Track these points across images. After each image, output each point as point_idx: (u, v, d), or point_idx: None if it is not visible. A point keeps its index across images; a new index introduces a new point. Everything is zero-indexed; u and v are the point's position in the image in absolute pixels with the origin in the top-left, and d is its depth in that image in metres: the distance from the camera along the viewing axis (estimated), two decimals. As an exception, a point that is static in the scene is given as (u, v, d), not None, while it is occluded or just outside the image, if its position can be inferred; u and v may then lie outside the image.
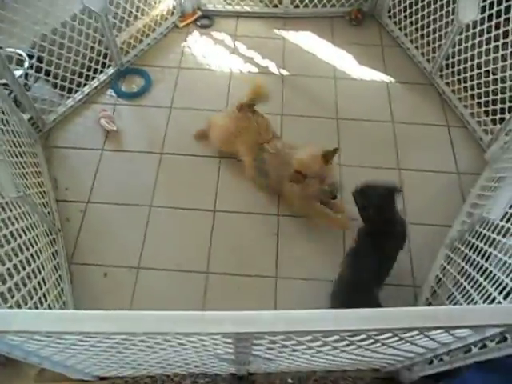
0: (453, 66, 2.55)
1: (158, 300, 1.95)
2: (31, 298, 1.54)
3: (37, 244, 1.74)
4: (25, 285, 1.52)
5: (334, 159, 1.96)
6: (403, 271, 2.06)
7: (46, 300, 1.63)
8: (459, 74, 2.52)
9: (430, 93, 2.69)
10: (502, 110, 2.27)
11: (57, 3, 2.22)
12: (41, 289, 1.62)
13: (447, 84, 2.62)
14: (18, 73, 2.15)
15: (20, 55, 2.27)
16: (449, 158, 2.42)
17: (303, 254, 2.10)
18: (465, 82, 2.49)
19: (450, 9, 2.42)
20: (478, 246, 1.74)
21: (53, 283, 1.79)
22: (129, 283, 1.99)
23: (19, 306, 1.46)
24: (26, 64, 2.29)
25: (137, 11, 2.63)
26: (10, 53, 2.15)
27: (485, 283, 1.54)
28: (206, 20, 2.98)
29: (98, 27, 2.36)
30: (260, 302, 1.97)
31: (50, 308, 1.65)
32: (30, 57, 2.30)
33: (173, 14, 2.92)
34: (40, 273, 1.67)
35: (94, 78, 2.55)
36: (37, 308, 1.56)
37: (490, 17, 2.19)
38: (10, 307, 1.40)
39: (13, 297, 1.43)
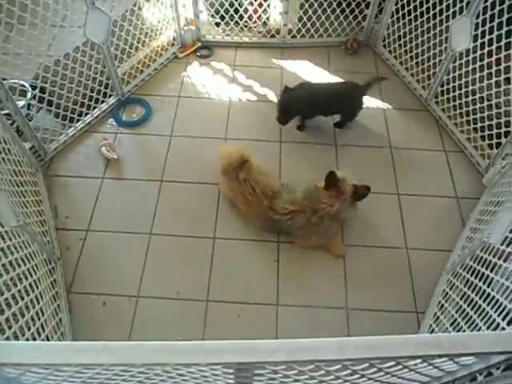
0: (448, 93, 2.60)
1: (157, 329, 1.92)
2: (29, 329, 1.52)
3: (36, 273, 1.73)
4: (23, 315, 1.50)
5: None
6: (405, 297, 2.04)
7: (43, 331, 1.61)
8: (454, 101, 2.56)
9: (426, 119, 2.73)
10: (498, 135, 2.30)
11: (60, 36, 2.29)
12: (39, 319, 1.60)
13: (443, 110, 2.66)
14: (20, 103, 2.19)
15: (23, 86, 2.32)
16: (447, 183, 2.43)
17: (304, 281, 2.08)
18: (460, 107, 2.53)
19: (444, 38, 2.48)
20: (479, 270, 1.73)
21: (51, 313, 1.77)
22: (128, 312, 1.97)
23: (16, 337, 1.44)
24: (29, 95, 2.34)
25: (138, 43, 2.70)
26: (13, 84, 2.19)
27: (488, 309, 1.53)
28: (206, 50, 3.05)
29: (99, 58, 2.42)
30: (261, 329, 1.94)
31: (47, 339, 1.63)
32: (33, 87, 2.34)
33: (173, 44, 2.99)
34: (38, 303, 1.65)
35: (95, 107, 2.60)
36: (34, 339, 1.53)
37: (483, 45, 2.25)
38: (7, 338, 1.38)
39: (10, 327, 1.41)
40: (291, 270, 2.11)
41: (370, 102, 2.79)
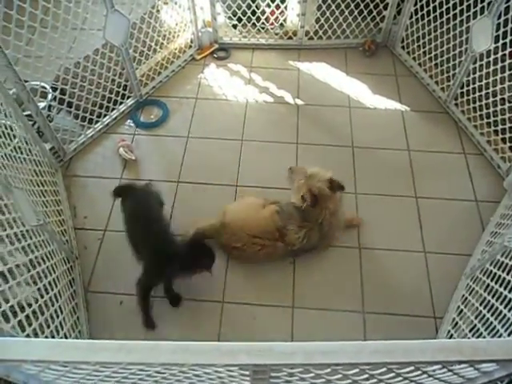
0: (468, 95, 2.56)
1: (173, 329, 1.93)
2: (48, 327, 1.54)
3: (55, 272, 1.75)
4: (42, 313, 1.53)
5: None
6: (423, 301, 2.01)
7: (62, 329, 1.63)
8: (474, 102, 2.52)
9: (445, 121, 2.69)
10: (520, 138, 2.26)
11: (80, 39, 2.32)
12: (57, 317, 1.62)
13: (463, 112, 2.62)
14: (41, 105, 2.23)
15: (44, 88, 2.36)
16: (466, 186, 2.39)
17: (320, 284, 2.07)
18: (480, 109, 2.49)
19: (464, 39, 2.44)
20: (499, 275, 1.69)
21: (69, 311, 1.79)
22: (144, 312, 1.98)
23: (36, 335, 1.46)
24: (50, 96, 2.38)
25: (156, 45, 2.72)
26: (34, 86, 2.24)
27: (509, 314, 1.49)
28: (223, 52, 3.06)
29: (118, 60, 2.45)
30: (276, 332, 1.93)
31: (65, 337, 1.65)
32: (54, 89, 2.39)
33: (191, 47, 3.02)
34: (57, 301, 1.67)
35: (113, 109, 2.63)
36: (53, 337, 1.56)
37: (504, 46, 2.21)
38: (28, 336, 1.40)
39: (30, 325, 1.43)
40: (307, 272, 2.10)
41: (387, 103, 2.77)
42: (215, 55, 3.05)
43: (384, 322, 1.96)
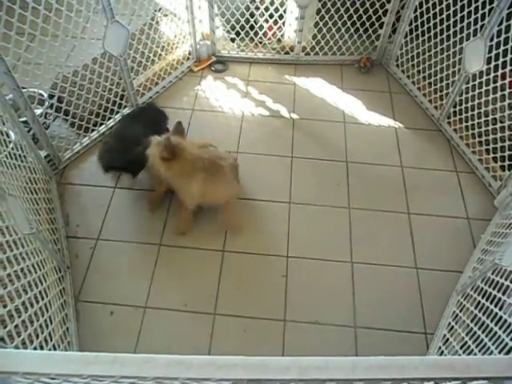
0: (460, 113, 2.60)
1: (163, 340, 1.91)
2: (37, 337, 1.52)
3: (46, 281, 1.73)
4: (32, 323, 1.50)
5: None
6: (414, 317, 2.02)
7: (51, 339, 1.61)
8: (467, 121, 2.56)
9: (438, 139, 2.73)
10: (511, 157, 2.29)
11: (79, 48, 2.33)
12: (47, 327, 1.60)
13: (455, 130, 2.67)
14: (38, 111, 2.23)
15: (41, 95, 2.36)
16: (458, 204, 2.42)
17: (312, 298, 2.07)
18: (472, 128, 2.53)
19: (457, 59, 2.50)
20: (490, 293, 1.71)
21: (59, 322, 1.77)
22: (135, 322, 1.96)
23: (25, 345, 1.44)
24: (47, 103, 2.38)
25: (154, 56, 2.74)
26: (32, 93, 2.24)
27: (499, 332, 1.50)
28: (220, 65, 3.09)
29: (116, 70, 2.46)
30: (267, 345, 1.93)
31: (54, 348, 1.62)
32: (51, 97, 2.39)
33: (188, 59, 3.04)
34: (47, 311, 1.65)
35: (109, 118, 2.63)
36: (42, 347, 1.53)
37: (496, 67, 2.26)
38: (16, 346, 1.38)
39: (19, 335, 1.41)
40: (299, 285, 2.10)
41: (382, 120, 2.81)
42: (213, 68, 3.08)
43: (375, 337, 1.96)
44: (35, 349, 1.46)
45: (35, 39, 1.94)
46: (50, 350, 1.56)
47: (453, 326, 1.89)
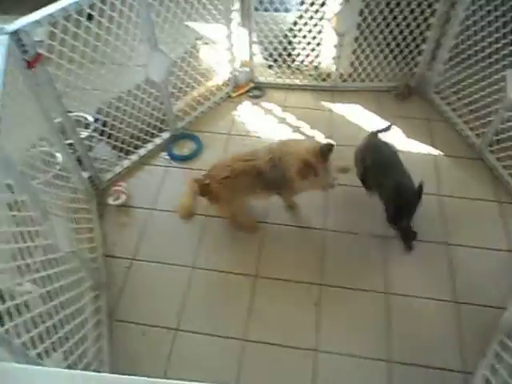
0: (503, 141, 2.52)
1: (193, 365, 1.90)
2: (71, 354, 1.55)
3: (82, 299, 1.78)
4: (67, 340, 1.54)
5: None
6: (451, 354, 1.93)
7: (85, 357, 1.64)
8: (510, 150, 2.48)
9: (479, 167, 2.65)
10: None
11: (124, 74, 2.44)
12: (82, 345, 1.64)
13: (498, 159, 2.58)
14: (83, 135, 2.34)
15: (86, 119, 2.48)
16: (500, 236, 2.32)
17: (345, 327, 2.02)
18: (517, 157, 2.44)
19: (500, 86, 2.43)
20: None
21: (92, 340, 1.80)
22: (166, 345, 1.97)
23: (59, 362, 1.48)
24: (92, 127, 2.49)
25: (194, 82, 2.83)
26: (78, 117, 2.35)
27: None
28: (258, 91, 3.15)
29: (157, 96, 2.55)
30: (298, 375, 1.88)
31: (87, 366, 1.65)
32: (96, 120, 2.50)
33: (227, 85, 3.12)
34: (83, 329, 1.69)
35: (149, 141, 2.72)
36: (76, 364, 1.57)
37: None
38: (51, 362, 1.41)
39: (55, 351, 1.45)
40: (332, 314, 2.05)
41: (420, 147, 2.75)
42: (250, 94, 3.14)
43: (411, 374, 1.87)
44: (69, 365, 1.49)
45: (83, 66, 2.06)
46: (83, 367, 1.59)
47: (494, 366, 1.78)
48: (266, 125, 2.93)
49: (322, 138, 2.82)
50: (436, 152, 2.73)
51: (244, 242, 2.32)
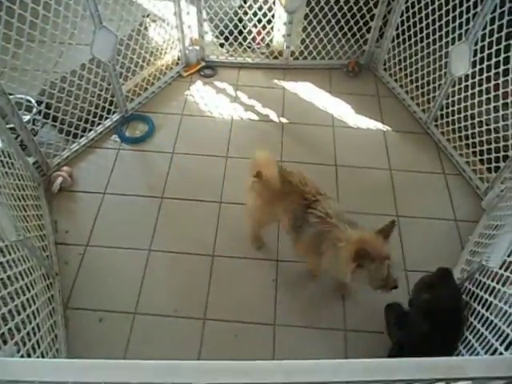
0: (447, 116, 2.63)
1: (153, 347, 1.91)
2: (24, 345, 1.50)
3: (33, 288, 1.72)
4: (19, 331, 1.49)
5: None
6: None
7: (39, 347, 1.59)
8: (454, 124, 2.60)
9: (425, 141, 2.76)
10: (497, 159, 2.33)
11: (67, 54, 2.33)
12: (35, 335, 1.59)
13: (442, 133, 2.70)
14: (26, 118, 2.22)
15: (29, 101, 2.35)
16: (446, 206, 2.44)
17: (302, 302, 2.07)
18: (459, 131, 2.56)
19: (443, 63, 2.53)
20: (478, 294, 1.72)
21: (47, 329, 1.75)
22: (124, 329, 1.95)
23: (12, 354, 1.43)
24: (34, 110, 2.37)
25: (143, 61, 2.75)
26: (19, 99, 2.22)
27: (486, 333, 1.52)
28: (210, 70, 3.10)
29: (105, 76, 2.46)
30: (258, 350, 1.93)
31: (42, 355, 1.61)
32: (39, 103, 2.38)
33: (177, 64, 3.05)
34: (35, 318, 1.64)
35: (99, 123, 2.63)
36: (29, 355, 1.52)
37: (482, 71, 2.29)
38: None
39: (5, 343, 1.40)
40: (290, 290, 2.10)
41: (370, 123, 2.83)
42: (202, 73, 3.08)
43: (365, 340, 1.97)
44: (22, 356, 1.45)
45: (22, 45, 1.93)
46: (38, 357, 1.55)
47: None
48: (219, 104, 2.90)
49: (274, 116, 2.83)
50: (385, 127, 2.82)
51: (200, 223, 2.31)
